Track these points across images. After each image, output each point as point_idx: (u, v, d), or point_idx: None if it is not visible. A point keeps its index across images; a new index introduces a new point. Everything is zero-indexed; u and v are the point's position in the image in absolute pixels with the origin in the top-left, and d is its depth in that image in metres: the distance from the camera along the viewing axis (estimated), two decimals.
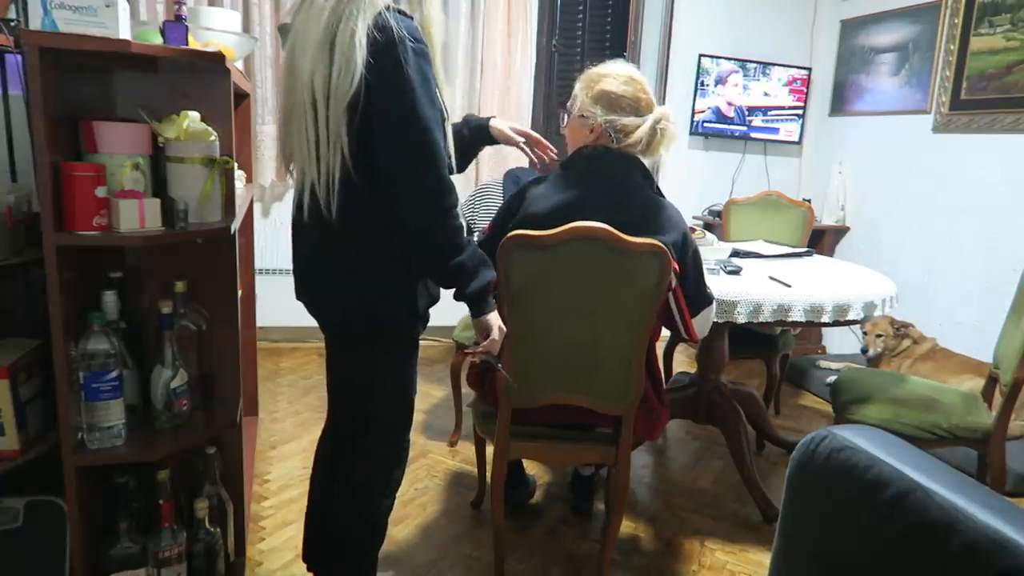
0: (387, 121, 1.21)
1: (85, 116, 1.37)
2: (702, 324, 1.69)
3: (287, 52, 1.28)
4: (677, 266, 1.56)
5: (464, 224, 1.30)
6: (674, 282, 1.57)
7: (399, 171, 1.23)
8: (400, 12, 1.23)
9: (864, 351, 3.22)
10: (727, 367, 2.43)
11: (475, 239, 1.42)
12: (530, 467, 2.45)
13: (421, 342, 1.49)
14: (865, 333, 3.22)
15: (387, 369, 1.43)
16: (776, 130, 4.17)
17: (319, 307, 1.43)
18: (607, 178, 1.60)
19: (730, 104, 4.06)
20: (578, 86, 1.66)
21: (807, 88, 4.15)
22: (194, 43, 1.60)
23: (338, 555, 1.52)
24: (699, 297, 1.67)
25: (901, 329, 3.17)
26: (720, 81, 4.02)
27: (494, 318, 1.40)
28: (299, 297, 1.46)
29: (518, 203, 1.65)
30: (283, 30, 1.35)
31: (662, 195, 1.66)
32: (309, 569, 1.60)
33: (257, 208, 3.49)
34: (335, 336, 1.48)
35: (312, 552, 1.58)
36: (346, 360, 1.46)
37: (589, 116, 1.61)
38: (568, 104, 1.69)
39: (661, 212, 1.60)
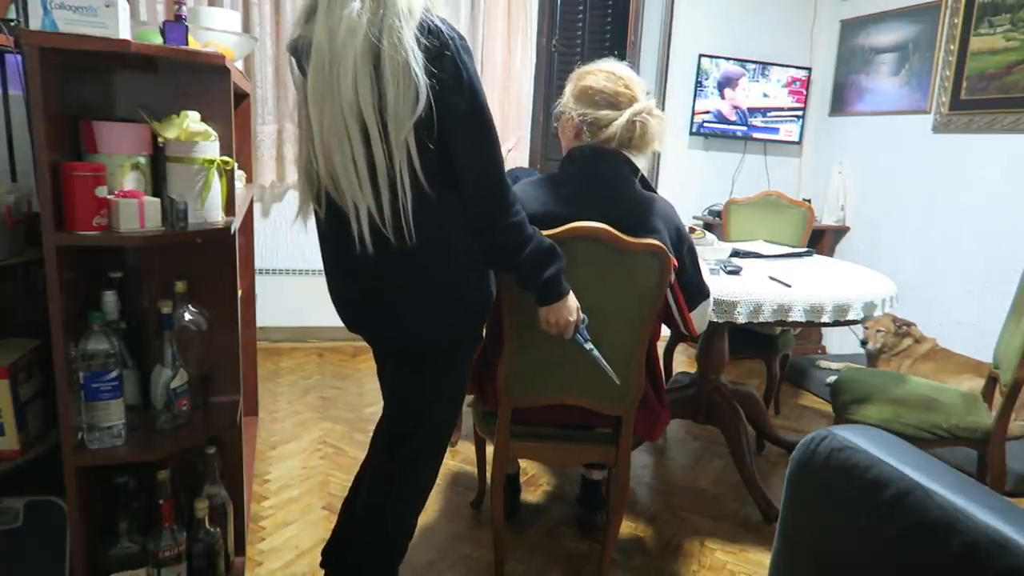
0: (456, 125, 1.18)
1: (85, 116, 1.37)
2: (700, 318, 1.68)
3: (315, 71, 1.16)
4: (676, 262, 1.55)
5: (525, 215, 1.29)
6: (671, 276, 1.56)
7: (469, 174, 1.22)
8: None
9: (864, 343, 3.24)
10: (727, 367, 2.43)
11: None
12: (530, 467, 2.45)
13: None
14: (867, 327, 3.23)
15: (461, 376, 1.42)
16: (776, 130, 4.17)
17: (397, 331, 1.34)
18: (594, 176, 1.59)
19: (735, 108, 4.06)
20: (566, 86, 1.65)
21: (807, 88, 4.15)
22: (194, 43, 1.60)
23: (363, 565, 1.48)
24: (696, 291, 1.66)
25: (903, 327, 3.17)
26: (725, 84, 4.01)
27: (566, 302, 1.40)
28: (355, 327, 1.40)
29: None
30: (298, 46, 1.26)
31: (653, 190, 1.65)
32: (322, 565, 1.60)
33: (257, 208, 3.49)
34: (414, 356, 1.37)
35: (334, 558, 1.57)
36: (425, 376, 1.37)
37: (567, 112, 1.61)
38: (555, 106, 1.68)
39: (650, 207, 1.58)
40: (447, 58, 1.15)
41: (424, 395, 1.39)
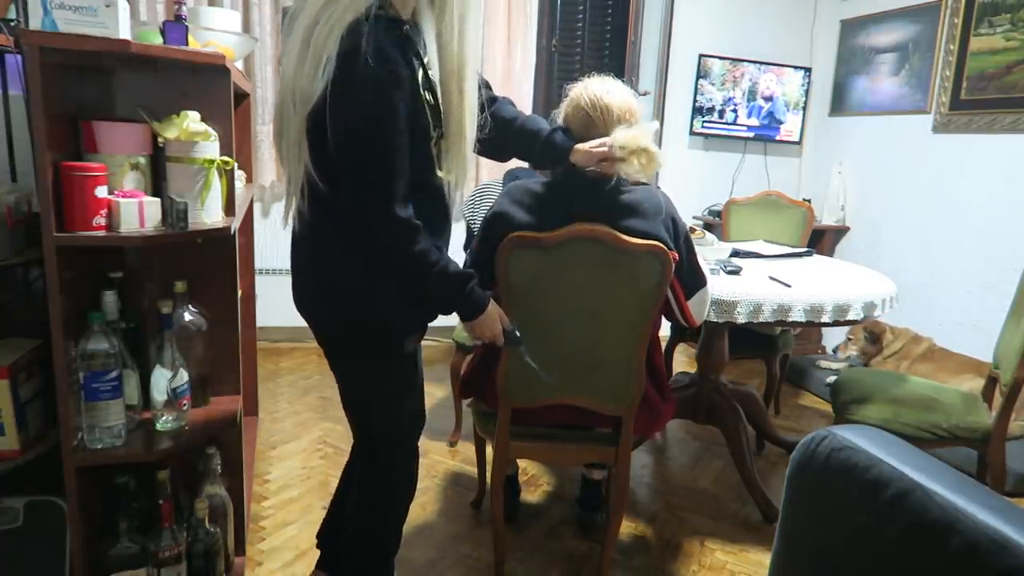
0: (338, 141, 1.17)
1: (85, 116, 1.37)
2: (698, 307, 1.67)
3: (285, 41, 1.23)
4: (676, 255, 1.54)
5: (428, 247, 1.26)
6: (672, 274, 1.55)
7: (353, 195, 1.22)
8: (387, 18, 1.16)
9: (834, 351, 3.32)
10: (727, 367, 2.43)
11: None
12: (530, 467, 2.46)
13: (421, 344, 1.49)
14: (848, 338, 3.31)
15: (381, 378, 1.40)
16: (776, 130, 4.17)
17: (308, 312, 1.40)
18: (582, 179, 1.55)
19: (734, 108, 4.06)
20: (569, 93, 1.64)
21: (807, 88, 4.15)
22: (194, 43, 1.60)
23: (355, 561, 1.51)
24: (693, 278, 1.64)
25: (873, 334, 3.22)
26: (724, 82, 4.02)
27: (489, 314, 1.40)
28: (294, 301, 1.44)
29: (500, 225, 1.55)
30: (288, 13, 1.28)
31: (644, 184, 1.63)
32: (318, 547, 1.64)
33: (257, 208, 3.49)
34: (326, 343, 1.43)
35: (328, 547, 1.61)
36: (340, 368, 1.43)
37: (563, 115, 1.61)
38: None
39: (642, 202, 1.55)
40: (346, 69, 1.12)
41: (349, 385, 1.42)
